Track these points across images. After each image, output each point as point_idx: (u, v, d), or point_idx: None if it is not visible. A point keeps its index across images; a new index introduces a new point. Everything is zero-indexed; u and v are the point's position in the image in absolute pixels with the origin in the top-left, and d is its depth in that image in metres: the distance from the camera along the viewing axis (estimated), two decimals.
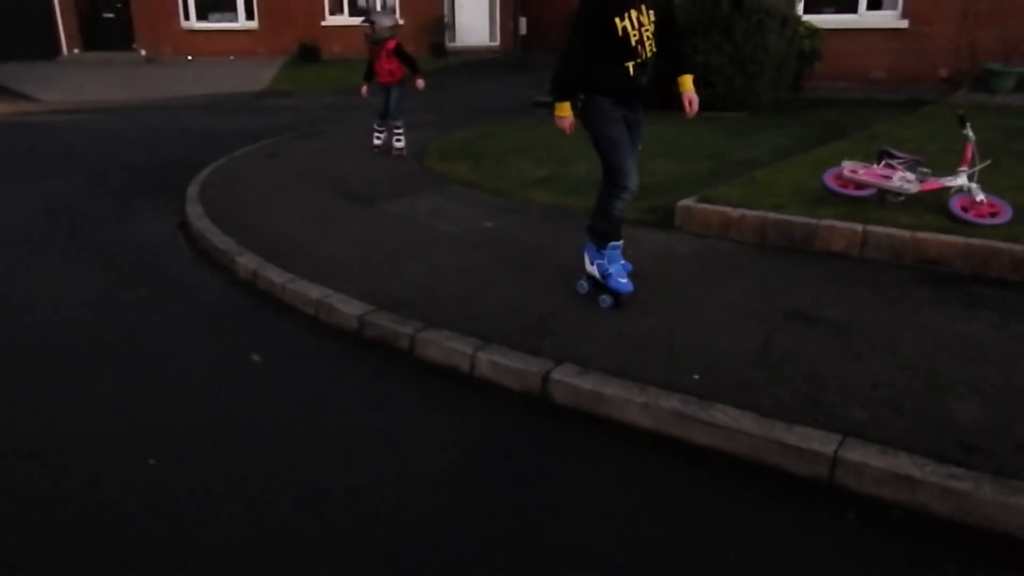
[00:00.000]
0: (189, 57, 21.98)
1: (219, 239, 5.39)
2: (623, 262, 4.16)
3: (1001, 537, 2.38)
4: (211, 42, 22.46)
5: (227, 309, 4.53)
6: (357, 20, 22.22)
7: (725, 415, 2.88)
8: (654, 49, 3.79)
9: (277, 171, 7.87)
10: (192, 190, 6.89)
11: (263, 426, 3.16)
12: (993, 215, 4.75)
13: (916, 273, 4.45)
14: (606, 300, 4.00)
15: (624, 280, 4.00)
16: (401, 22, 22.32)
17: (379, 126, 8.52)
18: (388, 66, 8.05)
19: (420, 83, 8.14)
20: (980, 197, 4.85)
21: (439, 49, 22.32)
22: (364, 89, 8.44)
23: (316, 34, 22.23)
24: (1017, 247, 4.34)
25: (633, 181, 3.87)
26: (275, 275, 4.61)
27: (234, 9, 22.79)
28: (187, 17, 22.66)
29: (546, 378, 3.26)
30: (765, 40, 10.07)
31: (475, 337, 3.65)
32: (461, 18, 23.71)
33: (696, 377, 3.21)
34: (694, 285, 4.35)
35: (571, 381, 3.20)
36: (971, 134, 5.03)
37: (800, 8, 11.81)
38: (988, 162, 5.06)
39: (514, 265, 4.73)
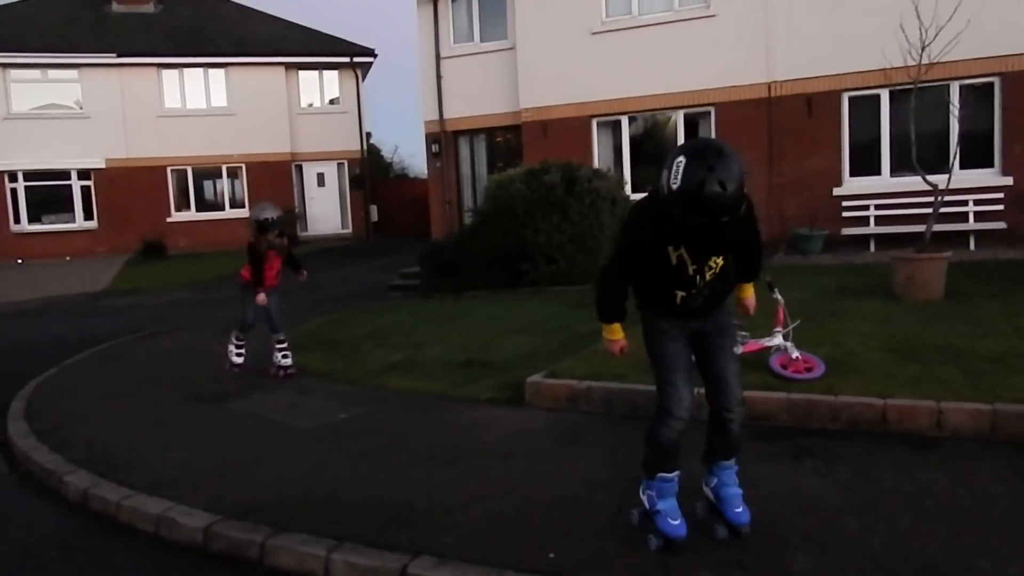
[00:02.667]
0: (19, 260, 21.13)
1: (45, 458, 5.01)
2: (736, 490, 3.42)
3: None
4: (45, 244, 21.91)
5: (50, 541, 4.07)
6: (205, 215, 22.79)
7: None
8: (715, 275, 3.20)
9: (116, 376, 7.53)
10: (16, 406, 6.43)
11: None
12: (808, 370, 5.21)
13: (750, 430, 4.73)
14: (653, 542, 3.27)
15: (676, 522, 3.27)
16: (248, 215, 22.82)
17: (240, 340, 7.20)
18: (275, 267, 7.03)
19: (304, 274, 7.39)
20: (795, 354, 5.33)
21: (291, 239, 22.60)
22: (262, 297, 6.87)
23: (161, 230, 22.15)
24: (832, 398, 4.76)
25: (681, 406, 3.24)
26: (110, 492, 4.32)
27: (71, 210, 22.41)
28: (17, 220, 22.01)
29: (403, 573, 3.19)
30: (599, 219, 10.96)
31: (329, 538, 3.54)
32: (312, 208, 24.35)
33: (552, 556, 3.24)
34: (547, 460, 4.45)
35: (428, 574, 3.14)
36: (780, 297, 5.60)
37: (628, 188, 12.94)
38: (799, 321, 5.61)
39: (370, 456, 4.69)
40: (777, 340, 5.51)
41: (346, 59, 24.17)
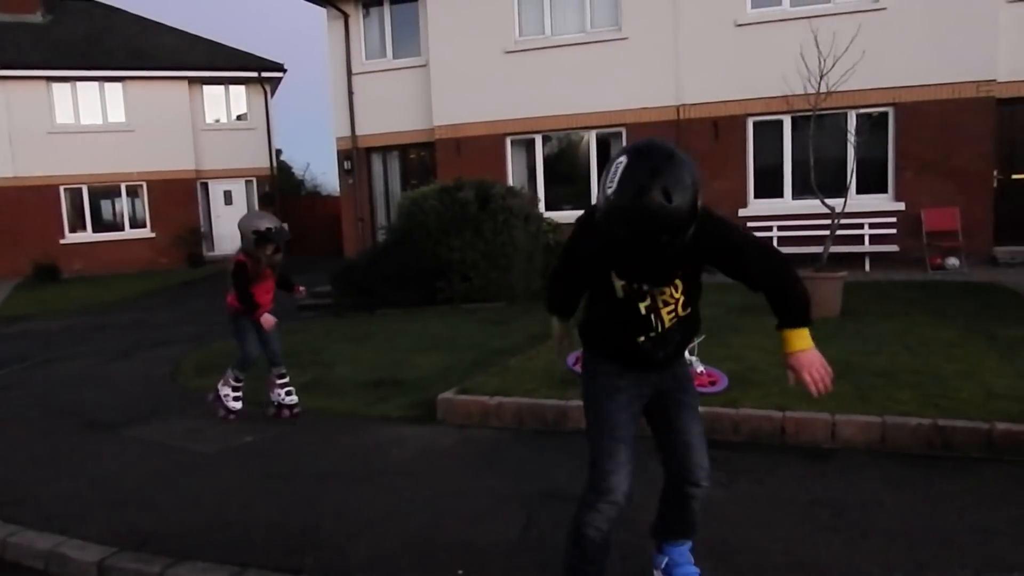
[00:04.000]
0: None
1: None
2: (692, 569, 2.97)
3: None
4: None
5: None
6: (103, 236, 21.79)
7: None
8: (683, 313, 2.59)
9: (2, 406, 7.10)
10: None
11: None
12: (712, 384, 5.36)
13: (654, 442, 4.84)
14: None
15: None
16: (153, 235, 22.06)
17: (239, 380, 6.04)
18: (270, 287, 6.00)
19: (303, 291, 6.48)
20: (700, 368, 5.47)
21: (197, 259, 22.04)
22: (269, 319, 5.88)
23: (54, 253, 21.08)
24: (734, 411, 4.90)
25: (619, 488, 2.59)
26: None
27: None
28: None
29: None
30: (512, 236, 11.02)
31: (232, 565, 3.43)
32: (219, 228, 23.69)
33: (460, 572, 3.22)
34: (457, 477, 4.43)
35: None
36: None
37: (542, 206, 13.09)
38: (703, 336, 5.75)
39: (276, 479, 4.56)
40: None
41: (254, 74, 23.62)
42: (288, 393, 6.02)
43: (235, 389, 6.06)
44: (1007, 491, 3.82)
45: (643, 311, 2.53)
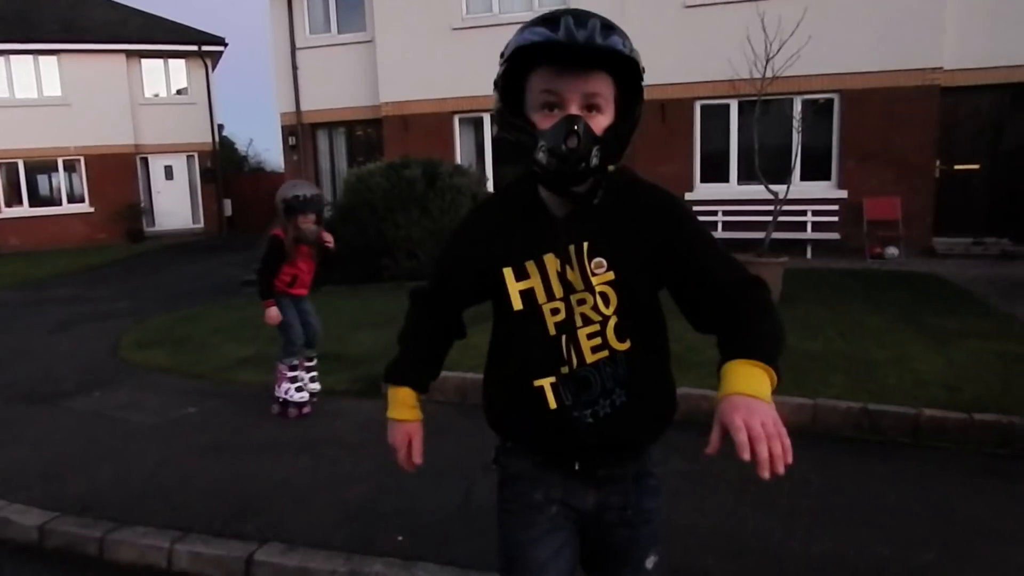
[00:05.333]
0: None
1: None
2: None
3: None
4: None
5: None
6: (40, 211, 21.17)
7: (426, 573, 2.99)
8: (618, 347, 1.61)
9: None
10: None
11: None
12: None
13: None
14: None
15: None
16: (92, 210, 21.49)
17: (294, 367, 5.33)
18: (307, 265, 5.33)
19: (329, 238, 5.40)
20: None
21: (136, 235, 21.56)
22: (273, 313, 5.18)
23: None
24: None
25: None
26: None
27: None
28: None
29: (249, 561, 3.18)
30: (459, 215, 11.05)
31: (173, 530, 3.47)
32: (160, 204, 23.18)
33: (400, 539, 3.32)
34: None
35: (275, 560, 3.15)
36: None
37: (490, 185, 13.12)
38: None
39: (217, 450, 4.59)
40: None
41: (193, 47, 23.02)
42: (313, 380, 5.54)
43: (292, 380, 5.34)
44: (929, 475, 4.01)
45: (551, 329, 1.59)
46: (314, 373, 5.59)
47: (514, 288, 1.61)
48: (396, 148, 14.10)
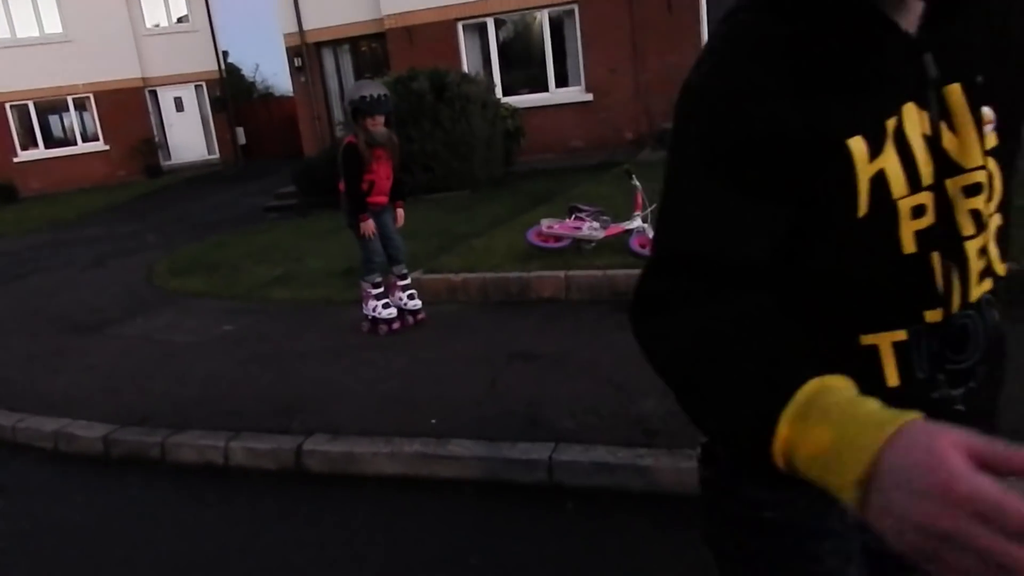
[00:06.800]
0: None
1: None
2: None
3: (677, 498, 2.91)
4: None
5: None
6: (57, 151, 21.39)
7: (460, 447, 3.28)
8: (998, 269, 0.93)
9: None
10: None
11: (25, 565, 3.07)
12: (643, 248, 5.68)
13: (612, 305, 5.20)
14: None
15: None
16: (107, 147, 21.65)
17: (377, 284, 5.15)
18: (386, 172, 4.98)
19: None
20: (651, 234, 5.78)
21: (155, 170, 21.72)
22: (370, 225, 4.92)
23: (8, 172, 20.65)
24: None
25: None
26: (1, 418, 4.39)
27: None
28: None
29: (299, 451, 3.48)
30: (470, 124, 11.09)
31: (226, 431, 3.78)
32: (173, 136, 23.24)
33: (433, 422, 3.60)
34: (428, 347, 4.78)
35: (322, 448, 3.45)
36: (638, 184, 6.01)
37: (499, 92, 13.08)
38: (655, 205, 6.06)
39: (258, 360, 4.89)
40: (636, 223, 5.95)
41: None
42: (411, 297, 5.27)
43: (378, 297, 5.16)
44: None
45: (908, 244, 0.87)
46: (412, 291, 5.29)
47: (865, 173, 0.84)
48: (402, 62, 13.99)
